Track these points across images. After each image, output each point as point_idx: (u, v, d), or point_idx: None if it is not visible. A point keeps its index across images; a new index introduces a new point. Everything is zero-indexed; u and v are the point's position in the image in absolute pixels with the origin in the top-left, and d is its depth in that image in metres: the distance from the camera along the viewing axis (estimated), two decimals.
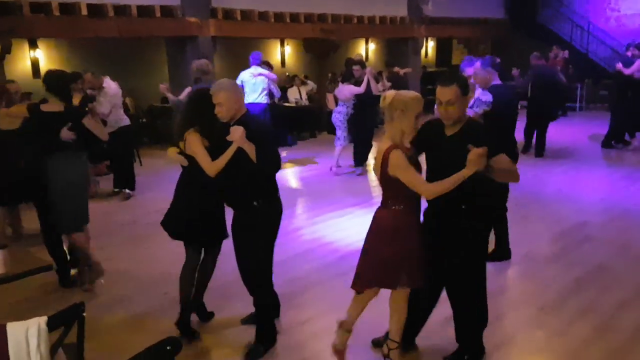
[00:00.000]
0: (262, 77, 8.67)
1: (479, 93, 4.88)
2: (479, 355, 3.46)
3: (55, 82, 4.46)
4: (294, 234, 5.92)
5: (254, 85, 8.65)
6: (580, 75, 15.12)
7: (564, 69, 12.32)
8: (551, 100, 10.31)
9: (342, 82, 8.47)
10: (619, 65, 9.85)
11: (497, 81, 5.03)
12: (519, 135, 5.99)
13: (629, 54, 10.02)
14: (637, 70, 9.56)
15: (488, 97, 4.78)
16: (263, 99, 8.78)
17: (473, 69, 5.07)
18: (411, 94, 3.12)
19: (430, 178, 3.11)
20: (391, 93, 3.09)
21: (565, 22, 16.35)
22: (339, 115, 8.52)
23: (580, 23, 16.22)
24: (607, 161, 9.53)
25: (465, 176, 2.89)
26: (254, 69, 8.75)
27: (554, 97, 10.51)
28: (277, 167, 3.46)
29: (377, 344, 3.63)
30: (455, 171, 2.91)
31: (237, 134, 3.22)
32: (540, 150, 9.78)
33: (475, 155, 2.84)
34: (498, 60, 5.60)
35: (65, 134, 4.32)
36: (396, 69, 10.84)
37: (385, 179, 3.11)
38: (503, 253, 5.07)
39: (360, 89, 8.28)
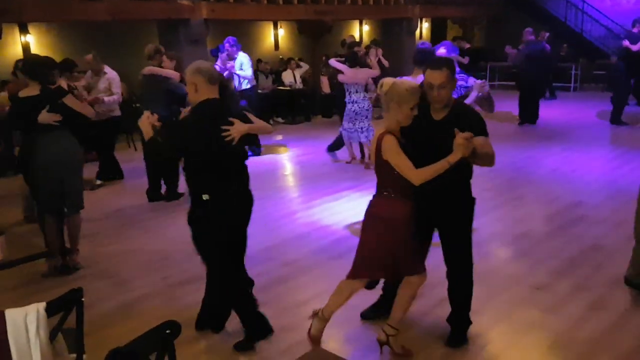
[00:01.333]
0: None
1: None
2: (469, 321, 3.51)
3: (30, 66, 4.51)
4: (289, 217, 5.94)
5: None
6: (574, 55, 15.08)
7: None
8: (542, 74, 10.78)
9: (351, 67, 7.55)
10: (626, 42, 9.76)
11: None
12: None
13: (635, 30, 9.86)
14: None
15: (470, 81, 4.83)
16: None
17: (437, 54, 4.98)
18: (407, 84, 2.98)
19: (422, 164, 2.96)
20: (388, 81, 2.98)
21: (560, 1, 16.22)
22: (364, 104, 7.58)
23: (574, 2, 16.11)
24: (601, 141, 9.54)
25: (452, 162, 2.85)
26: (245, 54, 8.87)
27: (544, 71, 10.93)
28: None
29: (365, 316, 3.69)
30: (447, 155, 2.88)
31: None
32: (534, 118, 10.51)
33: (462, 140, 2.81)
34: (468, 46, 5.61)
35: (45, 116, 4.30)
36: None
37: (380, 166, 3.02)
38: None
39: (377, 72, 7.67)
